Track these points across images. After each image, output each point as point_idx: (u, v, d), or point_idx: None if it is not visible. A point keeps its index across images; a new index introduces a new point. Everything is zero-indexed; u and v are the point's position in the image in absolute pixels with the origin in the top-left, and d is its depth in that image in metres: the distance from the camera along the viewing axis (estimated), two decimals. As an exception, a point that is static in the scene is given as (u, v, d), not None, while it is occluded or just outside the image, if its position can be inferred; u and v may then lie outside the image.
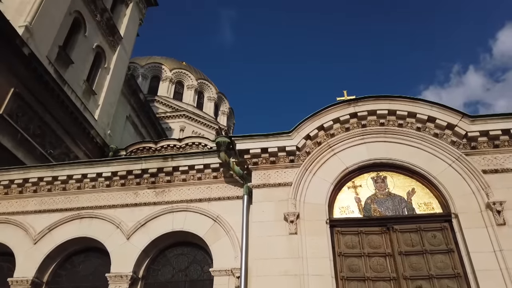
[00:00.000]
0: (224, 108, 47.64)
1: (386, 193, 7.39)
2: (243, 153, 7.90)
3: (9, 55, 11.84)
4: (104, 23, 17.95)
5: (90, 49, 16.84)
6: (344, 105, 7.92)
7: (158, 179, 8.59)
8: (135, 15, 21.01)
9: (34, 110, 12.82)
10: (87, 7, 16.78)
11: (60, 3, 14.72)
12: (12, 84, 11.95)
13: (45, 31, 13.73)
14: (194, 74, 45.69)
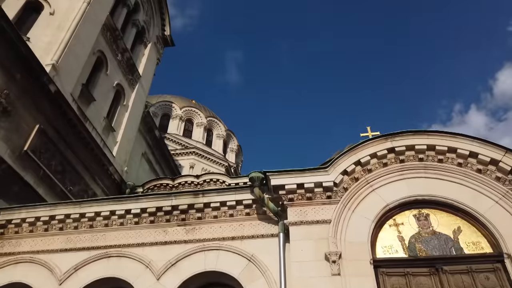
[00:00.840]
0: (232, 146, 47.82)
1: (431, 231, 7.08)
2: (278, 189, 7.70)
3: (36, 92, 12.00)
4: (125, 62, 18.38)
5: (110, 87, 17.12)
6: (381, 140, 7.81)
7: (189, 216, 8.32)
8: (152, 55, 21.57)
9: (57, 147, 12.80)
10: (110, 47, 17.25)
11: (85, 43, 15.14)
12: (38, 121, 12.02)
13: (70, 69, 14.01)
14: (203, 112, 46.29)
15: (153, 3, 22.06)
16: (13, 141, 11.03)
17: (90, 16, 15.54)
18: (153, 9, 22.11)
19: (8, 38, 10.92)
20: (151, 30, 21.77)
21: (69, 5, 15.17)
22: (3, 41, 10.86)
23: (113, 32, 17.46)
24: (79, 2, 15.42)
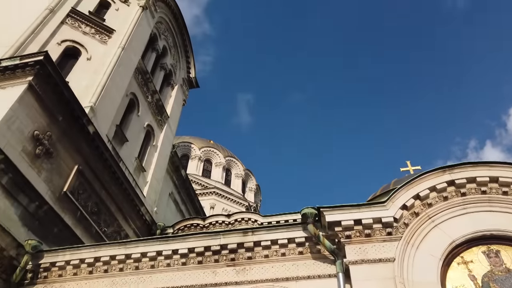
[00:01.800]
0: (251, 185, 47.47)
1: (504, 269, 6.62)
2: (333, 226, 7.41)
3: (76, 133, 12.17)
4: (154, 103, 18.76)
5: (141, 127, 17.37)
6: (439, 173, 7.55)
7: (238, 256, 8.01)
8: (179, 96, 22.03)
9: (92, 187, 12.78)
10: (141, 89, 17.70)
11: (120, 86, 15.57)
12: (76, 161, 12.10)
13: (106, 111, 14.31)
14: (222, 151, 46.51)
15: (179, 48, 22.87)
16: (54, 182, 11.05)
17: (124, 61, 16.10)
18: (179, 53, 22.89)
19: (53, 82, 11.26)
20: (178, 72, 22.41)
21: (105, 51, 15.78)
22: (49, 84, 11.19)
23: (144, 75, 17.99)
24: (114, 48, 16.04)
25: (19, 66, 10.89)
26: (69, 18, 15.72)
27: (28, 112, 10.49)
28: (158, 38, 20.37)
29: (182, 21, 22.78)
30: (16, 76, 10.88)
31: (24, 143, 10.14)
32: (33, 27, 14.13)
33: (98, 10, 17.41)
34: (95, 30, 16.20)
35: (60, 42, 14.77)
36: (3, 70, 10.96)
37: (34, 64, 10.83)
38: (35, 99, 10.81)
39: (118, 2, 18.28)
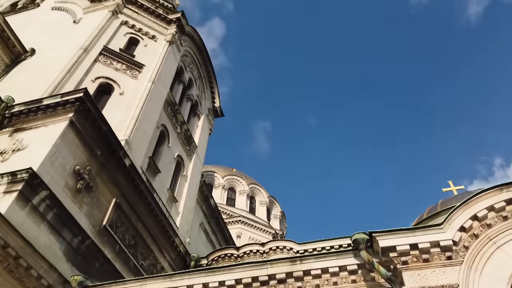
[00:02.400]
0: (276, 212, 46.85)
1: None
2: (387, 251, 7.09)
3: (113, 167, 12.35)
4: (183, 134, 19.01)
5: (172, 158, 17.54)
6: (496, 191, 7.21)
7: (287, 286, 7.73)
8: (205, 126, 22.30)
9: (129, 220, 12.81)
10: (170, 120, 18.02)
11: (151, 118, 15.89)
12: (114, 195, 12.21)
13: (140, 143, 14.55)
14: (245, 179, 46.36)
15: (203, 79, 23.36)
16: (94, 216, 11.14)
17: (155, 94, 16.50)
18: (204, 84, 23.36)
19: (92, 118, 11.58)
20: (203, 103, 22.78)
21: (136, 85, 16.24)
22: (87, 120, 11.50)
23: (173, 107, 18.35)
24: (145, 82, 16.50)
25: (60, 103, 11.27)
26: (101, 56, 16.36)
27: (70, 148, 10.74)
28: (184, 71, 20.89)
29: (206, 54, 23.39)
30: (57, 114, 11.24)
31: (66, 179, 10.33)
32: (68, 66, 14.73)
33: (128, 47, 18.08)
34: (126, 66, 16.76)
35: (94, 79, 15.31)
36: (45, 108, 11.36)
37: (74, 101, 11.19)
38: (76, 134, 11.10)
39: (146, 38, 18.98)
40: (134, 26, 19.04)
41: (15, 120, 11.45)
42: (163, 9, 20.45)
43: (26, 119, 11.39)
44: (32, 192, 8.93)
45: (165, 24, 20.20)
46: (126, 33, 18.46)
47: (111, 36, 17.57)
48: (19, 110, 11.44)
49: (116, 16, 18.64)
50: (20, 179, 8.78)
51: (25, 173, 8.80)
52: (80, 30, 17.58)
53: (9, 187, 8.76)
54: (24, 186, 8.72)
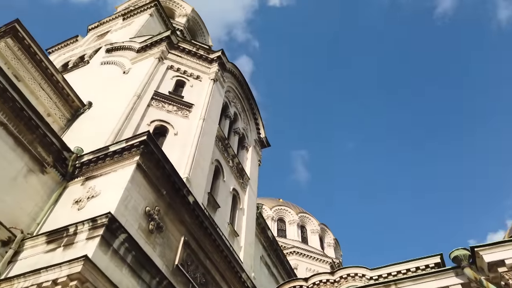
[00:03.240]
0: (329, 240, 45.37)
1: None
2: (495, 266, 6.48)
3: (178, 205, 12.46)
4: (235, 167, 19.10)
5: (228, 192, 17.56)
6: None
7: (386, 314, 7.21)
8: (254, 157, 22.34)
9: (198, 257, 12.72)
10: (222, 155, 18.21)
11: (206, 155, 16.12)
12: (181, 233, 12.24)
13: (199, 180, 14.69)
14: (293, 208, 45.56)
15: (247, 112, 23.68)
16: (167, 256, 11.15)
17: (206, 131, 16.83)
18: (247, 116, 23.65)
19: (156, 159, 11.88)
20: (249, 135, 22.97)
21: (189, 124, 16.66)
22: (152, 162, 11.81)
23: (223, 142, 18.59)
24: (196, 120, 16.91)
25: (125, 148, 11.68)
26: (153, 101, 17.05)
27: (139, 190, 10.99)
28: (229, 106, 21.31)
29: (247, 87, 23.85)
30: (123, 158, 11.64)
31: (139, 220, 10.49)
32: (126, 114, 15.42)
33: (176, 89, 18.78)
34: (177, 107, 17.33)
35: (149, 122, 15.89)
36: (112, 154, 11.81)
37: (139, 144, 11.57)
38: (143, 176, 11.38)
39: (191, 79, 19.67)
40: (179, 69, 19.85)
41: (85, 169, 11.96)
42: (203, 50, 21.27)
43: (95, 167, 11.86)
44: (112, 236, 9.09)
45: (207, 63, 20.93)
46: (173, 77, 19.25)
47: (160, 81, 18.37)
48: (88, 159, 11.96)
49: (162, 62, 19.57)
50: (101, 224, 8.99)
51: (104, 217, 9.02)
52: (130, 79, 18.54)
53: (90, 233, 8.98)
54: (105, 231, 8.90)
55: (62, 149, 11.85)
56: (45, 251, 9.11)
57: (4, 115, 10.57)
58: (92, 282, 7.42)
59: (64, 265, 7.42)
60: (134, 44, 21.71)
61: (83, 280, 7.34)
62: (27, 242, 9.47)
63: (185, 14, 37.76)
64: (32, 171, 10.94)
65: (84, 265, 7.30)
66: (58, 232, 9.31)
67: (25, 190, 10.54)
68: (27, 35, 15.99)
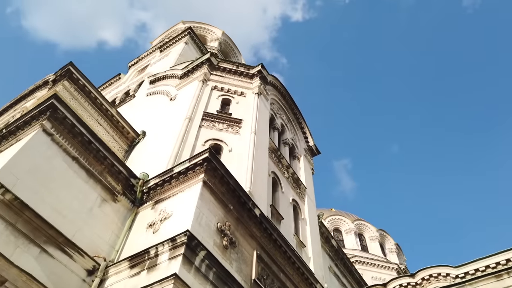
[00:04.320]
0: (389, 246, 43.43)
1: None
2: None
3: (246, 219, 12.32)
4: (291, 177, 18.82)
5: (288, 203, 17.25)
6: None
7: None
8: (307, 166, 21.96)
9: (272, 271, 12.42)
10: (277, 166, 18.03)
11: (262, 167, 16.02)
12: (253, 247, 12.04)
13: (260, 193, 14.54)
14: (348, 217, 44.21)
15: (292, 122, 23.49)
16: (243, 271, 10.96)
17: (259, 144, 16.79)
18: (294, 126, 23.45)
19: (219, 175, 11.90)
20: (298, 144, 22.69)
21: (241, 140, 16.69)
22: (216, 178, 11.83)
23: (275, 153, 18.44)
24: (248, 135, 16.93)
25: (189, 168, 11.79)
26: (204, 121, 17.29)
27: (209, 207, 10.98)
28: (275, 117, 21.23)
29: (290, 97, 23.74)
30: (189, 178, 11.73)
31: (213, 237, 10.42)
32: (181, 137, 15.69)
33: (222, 107, 19.01)
34: (227, 124, 17.47)
35: (203, 142, 16.06)
36: (177, 176, 11.95)
37: (202, 162, 11.64)
38: (210, 193, 11.38)
39: (236, 96, 19.87)
40: (223, 88, 20.13)
41: (153, 193, 12.16)
42: (243, 67, 21.53)
43: (162, 190, 12.03)
44: (193, 254, 9.05)
45: (248, 79, 21.12)
46: (218, 96, 19.53)
47: (207, 101, 18.68)
48: (154, 183, 12.17)
49: (206, 83, 19.95)
50: (180, 243, 8.98)
51: (183, 236, 9.02)
52: (179, 104, 19.01)
53: (171, 253, 8.99)
54: (185, 249, 8.88)
55: (129, 176, 12.15)
56: (130, 275, 9.20)
57: (75, 150, 11.03)
58: (184, 301, 7.33)
59: (156, 286, 7.41)
60: (176, 72, 22.37)
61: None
62: (111, 269, 9.63)
63: (216, 38, 38.76)
64: (105, 201, 11.27)
65: (175, 284, 7.27)
66: (139, 256, 9.40)
67: (101, 220, 10.83)
68: (81, 75, 16.88)
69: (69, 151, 10.87)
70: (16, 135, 10.92)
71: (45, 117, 10.65)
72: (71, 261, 9.15)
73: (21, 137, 10.59)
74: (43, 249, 8.69)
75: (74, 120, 11.19)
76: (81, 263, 9.34)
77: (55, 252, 8.92)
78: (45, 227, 8.85)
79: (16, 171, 9.16)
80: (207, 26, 39.89)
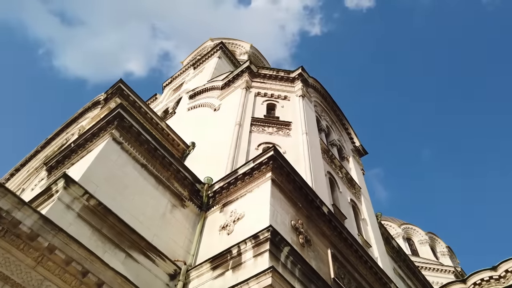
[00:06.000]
0: (441, 249, 41.50)
1: None
2: None
3: (315, 217, 11.91)
4: (345, 178, 18.30)
5: (347, 203, 16.70)
6: None
7: None
8: (357, 167, 21.36)
9: (348, 270, 11.86)
10: (330, 166, 17.59)
11: (319, 167, 15.70)
12: (326, 246, 11.58)
13: (322, 193, 14.07)
14: (394, 222, 42.73)
15: (336, 123, 23.07)
16: (322, 270, 10.48)
17: (312, 144, 16.49)
18: (338, 128, 23.01)
19: (286, 172, 11.63)
20: (345, 145, 22.18)
21: (293, 142, 16.45)
22: (282, 176, 11.56)
23: (327, 153, 18.03)
24: (299, 136, 16.67)
25: (254, 168, 11.60)
26: (253, 127, 17.18)
27: (281, 205, 10.69)
28: (320, 119, 20.90)
29: (331, 100, 23.40)
30: (255, 178, 11.52)
31: (290, 235, 10.08)
32: (234, 143, 15.59)
33: (268, 112, 18.91)
34: (277, 127, 17.29)
35: (257, 146, 15.90)
36: (242, 177, 11.75)
37: (267, 161, 11.42)
38: (279, 191, 11.10)
39: (280, 100, 19.76)
40: (266, 94, 20.07)
41: (219, 197, 11.99)
42: (283, 72, 21.48)
43: (228, 193, 11.84)
44: (278, 250, 8.73)
45: (289, 83, 21.02)
46: (263, 102, 19.46)
47: (253, 107, 18.62)
48: (219, 187, 12.02)
49: (248, 91, 19.96)
50: (264, 239, 8.70)
51: (266, 232, 8.75)
52: (224, 113, 19.04)
53: (255, 251, 8.70)
54: (270, 245, 8.58)
55: (194, 181, 12.07)
56: (213, 277, 8.95)
57: (142, 157, 11.07)
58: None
59: (252, 281, 7.12)
60: (217, 83, 22.55)
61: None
62: (191, 272, 9.43)
63: (245, 51, 39.19)
64: (175, 206, 11.18)
65: (273, 277, 6.93)
66: (220, 256, 9.16)
67: (174, 225, 10.72)
68: (131, 91, 17.24)
69: (138, 158, 10.92)
70: (85, 147, 11.09)
71: (112, 127, 10.78)
72: (153, 265, 9.02)
73: (91, 148, 10.73)
74: (128, 254, 8.60)
75: (140, 128, 11.28)
76: (163, 268, 9.20)
77: (139, 257, 8.82)
78: (128, 232, 8.79)
79: (94, 179, 9.23)
80: (235, 41, 40.45)
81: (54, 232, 6.67)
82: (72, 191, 8.21)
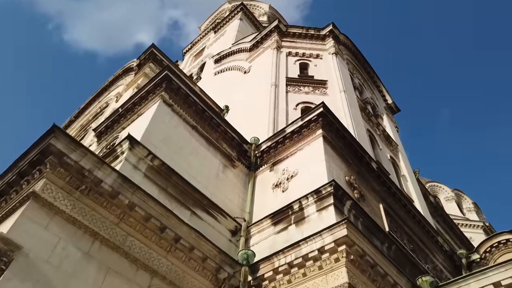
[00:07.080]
0: (467, 205, 41.41)
1: None
2: None
3: (365, 173, 11.85)
4: (382, 135, 18.07)
5: (387, 160, 16.55)
6: None
7: None
8: (391, 124, 20.99)
9: (399, 224, 11.93)
10: (369, 124, 17.35)
11: (360, 124, 15.55)
12: (378, 201, 11.58)
13: (366, 148, 13.87)
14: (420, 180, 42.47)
15: (368, 81, 22.50)
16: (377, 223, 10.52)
17: (351, 101, 16.21)
18: (370, 86, 22.46)
19: (335, 129, 11.49)
20: (378, 103, 21.73)
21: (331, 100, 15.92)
22: (332, 132, 11.42)
23: (364, 111, 17.73)
24: (337, 94, 16.35)
25: (303, 126, 11.45)
26: (289, 87, 16.87)
27: (334, 160, 10.63)
28: (353, 77, 20.38)
29: (362, 57, 22.71)
30: (304, 136, 11.41)
31: (347, 190, 10.04)
32: (272, 104, 15.39)
33: (302, 72, 18.47)
34: (312, 87, 16.95)
35: (295, 106, 15.67)
36: (290, 136, 11.65)
37: (317, 117, 11.25)
38: (331, 147, 11.00)
39: (312, 59, 19.24)
40: (298, 53, 19.54)
41: (267, 157, 11.96)
42: (313, 30, 20.76)
43: (277, 152, 11.79)
44: (341, 204, 8.76)
45: (320, 41, 20.37)
46: (295, 61, 18.98)
47: (286, 68, 18.20)
48: (267, 146, 11.96)
49: (279, 50, 19.45)
50: (327, 194, 8.71)
51: (329, 186, 8.73)
52: (256, 74, 18.69)
53: (318, 205, 8.75)
54: (334, 199, 8.59)
55: (241, 142, 12.04)
56: (275, 232, 9.09)
57: (192, 119, 11.02)
58: (358, 244, 7.04)
59: (325, 233, 7.15)
60: (244, 45, 22.02)
61: (350, 244, 6.99)
62: (252, 228, 9.59)
63: (264, 13, 38.06)
64: (226, 167, 11.23)
65: (348, 228, 6.94)
66: (281, 212, 9.24)
67: (227, 184, 10.81)
68: (164, 56, 17.05)
69: (188, 120, 10.88)
70: (134, 111, 11.08)
71: (161, 89, 10.68)
72: (216, 222, 9.18)
73: (142, 111, 10.72)
74: (193, 212, 8.75)
75: (188, 89, 11.17)
76: (224, 224, 9.36)
77: (202, 214, 8.97)
78: (190, 191, 8.90)
79: (153, 140, 9.26)
80: (253, 2, 39.23)
81: (132, 190, 6.76)
82: (137, 151, 8.27)
